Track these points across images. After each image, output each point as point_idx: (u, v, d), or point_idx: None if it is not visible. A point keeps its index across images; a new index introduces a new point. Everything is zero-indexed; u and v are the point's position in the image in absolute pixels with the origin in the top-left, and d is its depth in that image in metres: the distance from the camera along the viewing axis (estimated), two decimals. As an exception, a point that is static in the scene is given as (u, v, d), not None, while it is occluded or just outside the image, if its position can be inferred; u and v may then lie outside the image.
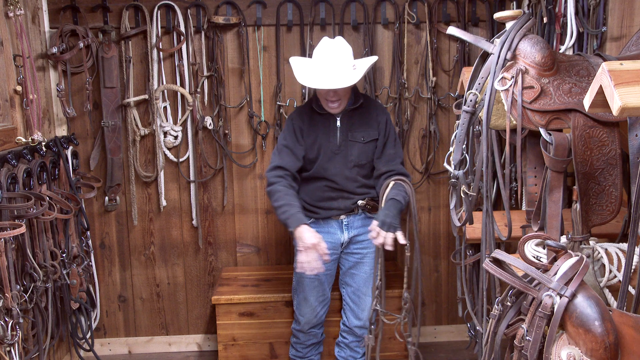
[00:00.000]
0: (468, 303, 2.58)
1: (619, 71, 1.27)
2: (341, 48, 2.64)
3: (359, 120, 2.73)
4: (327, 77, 2.56)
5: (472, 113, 1.77)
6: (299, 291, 2.85)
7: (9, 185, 2.41)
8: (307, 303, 2.83)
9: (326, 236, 2.74)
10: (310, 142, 2.72)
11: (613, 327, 1.23)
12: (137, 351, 3.52)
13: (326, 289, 2.86)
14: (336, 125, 2.71)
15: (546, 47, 1.66)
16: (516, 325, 1.45)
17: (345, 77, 2.56)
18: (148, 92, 3.23)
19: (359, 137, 2.71)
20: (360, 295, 2.83)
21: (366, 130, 2.72)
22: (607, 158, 1.60)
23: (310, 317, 2.84)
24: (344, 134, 2.71)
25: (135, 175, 3.34)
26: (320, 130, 2.71)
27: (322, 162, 2.71)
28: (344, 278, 2.88)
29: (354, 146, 2.71)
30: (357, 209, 2.76)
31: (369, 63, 2.67)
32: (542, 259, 1.75)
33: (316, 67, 2.62)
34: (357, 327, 2.85)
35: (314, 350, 2.96)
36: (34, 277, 2.56)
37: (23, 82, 2.67)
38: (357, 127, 2.72)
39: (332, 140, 2.71)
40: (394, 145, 2.77)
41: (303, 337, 2.90)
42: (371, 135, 2.73)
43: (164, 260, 3.46)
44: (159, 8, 3.17)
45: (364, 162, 2.73)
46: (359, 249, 2.80)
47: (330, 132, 2.71)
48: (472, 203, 1.89)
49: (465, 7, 3.24)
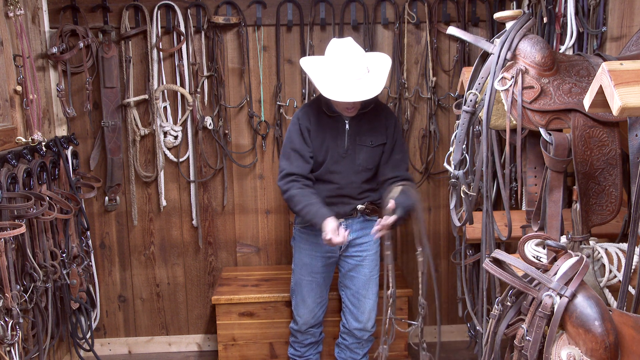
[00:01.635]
0: (468, 303, 2.58)
1: (619, 71, 1.27)
2: (356, 52, 2.55)
3: (368, 124, 2.68)
4: (351, 89, 2.49)
5: (472, 113, 1.77)
6: (297, 292, 2.85)
7: (9, 185, 2.41)
8: (305, 304, 2.84)
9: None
10: (317, 144, 2.66)
11: (613, 327, 1.23)
12: (137, 351, 3.52)
13: (324, 291, 2.86)
14: (345, 129, 2.66)
15: (546, 47, 1.66)
16: (516, 325, 1.45)
17: (369, 88, 2.50)
18: (148, 92, 3.23)
19: (367, 141, 2.67)
20: (360, 297, 2.83)
21: (375, 134, 2.68)
22: (607, 158, 1.60)
23: (308, 318, 2.85)
24: (352, 138, 2.66)
25: (135, 175, 3.34)
26: (328, 133, 2.66)
27: (328, 165, 2.67)
28: (344, 280, 2.88)
29: (362, 150, 2.67)
30: (356, 213, 2.73)
31: (384, 66, 2.61)
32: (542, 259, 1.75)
33: (336, 76, 2.53)
34: (356, 329, 2.85)
35: (313, 350, 2.96)
36: (34, 277, 2.56)
37: (23, 82, 2.67)
38: (365, 130, 2.67)
39: (340, 144, 2.66)
40: (401, 150, 2.73)
41: (301, 337, 2.91)
42: (379, 139, 2.68)
43: (164, 260, 3.46)
44: (159, 8, 3.17)
45: (371, 166, 2.70)
46: (359, 252, 2.79)
47: (339, 135, 2.66)
48: (472, 203, 1.89)
49: (465, 7, 3.24)
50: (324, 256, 2.77)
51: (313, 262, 2.78)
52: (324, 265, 2.79)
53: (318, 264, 2.78)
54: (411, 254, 3.53)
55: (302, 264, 2.80)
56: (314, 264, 2.78)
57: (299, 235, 2.82)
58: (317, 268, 2.79)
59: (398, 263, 3.51)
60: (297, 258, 2.83)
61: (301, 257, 2.81)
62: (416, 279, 3.55)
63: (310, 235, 2.76)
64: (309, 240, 2.77)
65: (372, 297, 2.81)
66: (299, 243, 2.82)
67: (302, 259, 2.80)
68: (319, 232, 2.69)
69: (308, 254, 2.78)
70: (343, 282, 2.89)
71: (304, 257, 2.80)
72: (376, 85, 2.52)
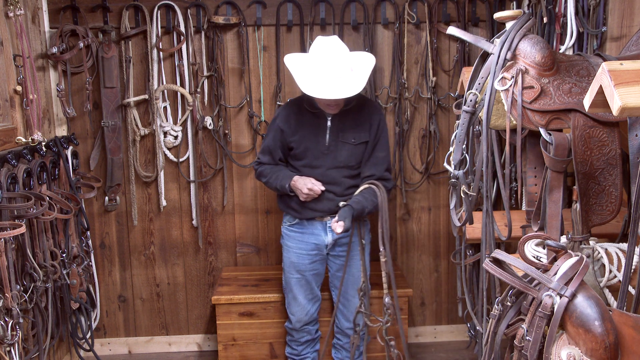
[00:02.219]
0: (468, 303, 2.58)
1: (619, 71, 1.27)
2: (339, 50, 2.57)
3: (351, 121, 2.69)
4: (331, 86, 2.51)
5: (472, 113, 1.77)
6: (288, 291, 2.90)
7: (9, 185, 2.41)
8: (296, 302, 2.88)
9: (310, 237, 2.79)
10: (297, 140, 2.70)
11: (613, 327, 1.23)
12: (137, 351, 3.52)
13: (314, 288, 2.89)
14: (326, 125, 2.68)
15: (546, 47, 1.66)
16: (516, 325, 1.45)
17: (349, 86, 2.51)
18: (148, 92, 3.23)
19: (349, 139, 2.67)
20: (349, 297, 2.86)
21: (358, 131, 2.69)
22: (607, 158, 1.60)
23: (301, 315, 2.88)
24: (334, 134, 2.68)
25: (135, 175, 3.34)
26: (308, 130, 2.68)
27: (309, 161, 2.69)
28: (333, 281, 2.92)
29: (344, 147, 2.68)
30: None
31: (367, 65, 2.63)
32: (542, 259, 1.75)
33: (317, 73, 2.55)
34: (348, 328, 2.88)
35: (310, 348, 2.98)
36: (34, 277, 2.55)
37: (23, 82, 2.67)
38: (348, 127, 2.68)
39: (320, 140, 2.68)
40: (383, 149, 2.73)
41: (297, 335, 2.94)
42: (362, 137, 2.69)
43: (164, 260, 3.46)
44: (159, 8, 3.17)
45: (353, 163, 2.71)
46: (345, 251, 2.81)
47: (320, 132, 2.68)
48: (472, 203, 1.89)
49: (465, 7, 3.24)
50: (310, 254, 2.81)
51: (300, 260, 2.82)
52: (311, 262, 2.83)
53: (305, 261, 2.82)
54: (411, 254, 3.53)
55: (290, 263, 2.85)
56: (300, 262, 2.82)
57: (286, 234, 2.87)
58: (304, 266, 2.82)
59: (398, 263, 3.51)
60: (285, 257, 2.88)
61: (289, 256, 2.85)
62: (416, 279, 3.55)
63: (297, 234, 2.81)
64: (296, 239, 2.82)
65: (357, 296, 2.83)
66: (286, 242, 2.87)
67: (290, 258, 2.85)
68: (306, 229, 2.78)
69: (295, 252, 2.83)
70: (333, 282, 2.93)
71: (291, 255, 2.84)
72: (357, 84, 2.54)
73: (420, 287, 3.56)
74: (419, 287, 3.56)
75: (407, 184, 3.44)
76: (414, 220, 3.50)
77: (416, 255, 3.54)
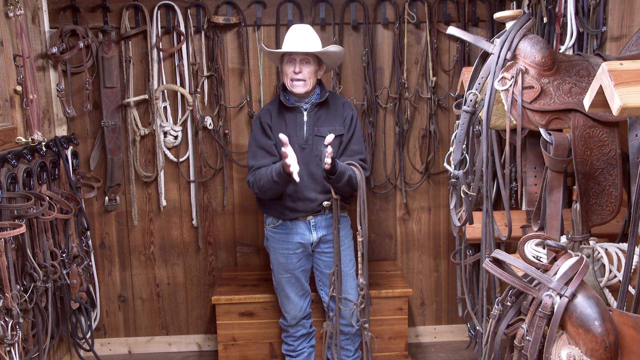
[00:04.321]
0: (468, 303, 2.58)
1: (619, 71, 1.27)
2: (307, 31, 2.73)
3: (326, 115, 2.77)
4: (291, 44, 2.67)
5: (472, 113, 1.77)
6: (280, 291, 2.93)
7: (9, 185, 2.41)
8: (289, 301, 2.91)
9: (296, 237, 2.81)
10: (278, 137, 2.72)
11: (613, 327, 1.23)
12: (137, 351, 3.52)
13: (304, 284, 2.93)
14: (303, 120, 2.75)
15: (546, 47, 1.66)
16: (516, 325, 1.46)
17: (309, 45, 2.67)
18: (148, 92, 3.23)
19: (325, 132, 2.71)
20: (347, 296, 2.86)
21: (333, 125, 2.76)
22: (607, 158, 1.60)
23: (296, 312, 2.92)
24: (310, 129, 2.75)
25: (135, 175, 3.34)
26: (288, 125, 2.75)
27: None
28: (322, 279, 2.93)
29: (320, 141, 2.72)
30: (323, 210, 2.79)
31: (336, 47, 2.74)
32: (542, 259, 1.76)
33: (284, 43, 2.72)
34: (342, 325, 2.89)
35: (306, 343, 3.00)
36: (34, 277, 2.55)
37: (23, 82, 2.67)
38: (323, 121, 2.76)
39: (299, 134, 2.74)
40: (358, 142, 2.81)
41: (292, 330, 2.97)
42: (337, 130, 2.75)
43: (164, 260, 3.46)
44: (159, 8, 3.17)
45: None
46: (330, 248, 2.84)
47: (297, 127, 2.75)
48: (472, 203, 1.90)
49: (465, 7, 3.24)
50: (296, 253, 2.84)
51: (287, 260, 2.84)
52: (298, 260, 2.85)
53: (292, 260, 2.84)
54: (411, 254, 3.53)
55: (278, 263, 2.87)
56: (289, 262, 2.84)
57: (270, 235, 2.89)
58: (292, 265, 2.85)
59: (398, 263, 3.51)
60: (273, 258, 2.90)
61: (276, 257, 2.87)
62: (416, 279, 3.55)
63: (282, 235, 2.83)
64: (280, 240, 2.84)
65: (351, 293, 2.84)
66: (272, 244, 2.88)
67: (278, 259, 2.87)
68: (291, 230, 2.81)
69: (281, 253, 2.85)
70: (322, 281, 2.93)
71: (278, 256, 2.86)
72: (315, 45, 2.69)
73: (420, 287, 3.56)
74: (419, 287, 3.56)
75: (407, 184, 3.44)
76: (414, 220, 3.50)
77: (416, 255, 3.54)
